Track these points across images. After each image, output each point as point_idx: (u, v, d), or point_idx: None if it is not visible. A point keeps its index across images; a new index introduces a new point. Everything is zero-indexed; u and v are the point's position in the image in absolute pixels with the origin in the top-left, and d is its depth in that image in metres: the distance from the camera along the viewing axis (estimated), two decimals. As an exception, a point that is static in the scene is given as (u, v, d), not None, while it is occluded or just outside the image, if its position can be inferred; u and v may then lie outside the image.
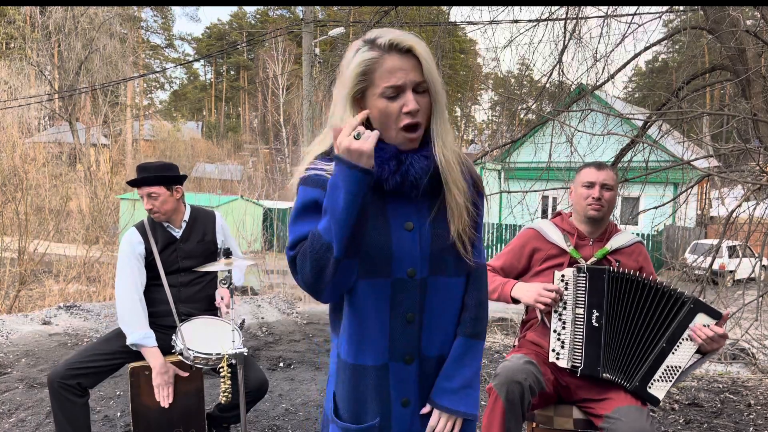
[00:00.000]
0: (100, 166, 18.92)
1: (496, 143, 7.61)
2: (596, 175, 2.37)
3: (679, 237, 15.79)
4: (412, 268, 1.36)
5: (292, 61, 38.17)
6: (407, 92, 1.28)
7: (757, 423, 3.77)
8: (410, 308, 1.37)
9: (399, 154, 1.33)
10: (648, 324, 2.20)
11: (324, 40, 14.97)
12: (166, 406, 2.62)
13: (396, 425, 1.40)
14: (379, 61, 1.28)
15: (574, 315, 2.25)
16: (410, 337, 1.38)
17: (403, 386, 1.39)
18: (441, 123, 1.34)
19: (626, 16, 5.60)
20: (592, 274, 2.24)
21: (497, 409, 2.13)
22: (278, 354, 5.19)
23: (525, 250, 2.46)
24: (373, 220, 1.34)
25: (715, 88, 6.46)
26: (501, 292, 2.34)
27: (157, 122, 42.48)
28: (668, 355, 2.13)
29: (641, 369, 2.17)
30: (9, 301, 8.19)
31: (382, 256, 1.33)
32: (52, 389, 2.60)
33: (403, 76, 1.27)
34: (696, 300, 2.13)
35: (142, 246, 2.76)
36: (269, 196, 27.04)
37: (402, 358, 1.38)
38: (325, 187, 1.29)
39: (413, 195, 1.36)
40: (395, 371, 1.38)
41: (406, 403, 1.40)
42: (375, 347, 1.37)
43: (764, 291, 4.87)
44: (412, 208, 1.38)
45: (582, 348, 2.23)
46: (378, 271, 1.34)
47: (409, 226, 1.36)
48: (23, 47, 27.67)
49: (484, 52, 33.74)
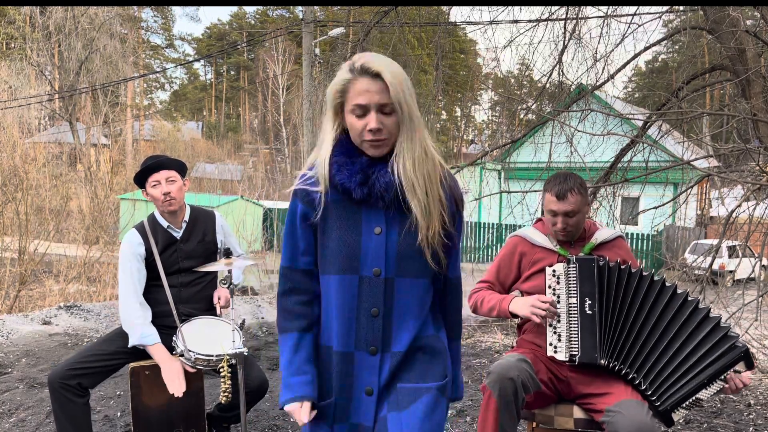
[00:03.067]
0: (101, 166, 18.92)
1: (496, 143, 7.61)
2: (557, 205, 2.36)
3: (679, 237, 15.79)
4: (378, 268, 1.52)
5: (292, 61, 38.19)
6: (371, 112, 1.44)
7: (757, 423, 3.77)
8: (374, 304, 1.52)
9: (368, 167, 1.49)
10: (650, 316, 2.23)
11: (324, 40, 14.97)
12: (180, 395, 2.60)
13: (356, 410, 1.55)
14: (351, 82, 1.46)
15: (568, 306, 2.30)
16: (374, 330, 1.53)
17: (366, 375, 1.54)
18: (407, 142, 1.47)
19: (626, 16, 5.61)
20: (581, 264, 2.30)
21: (491, 407, 2.15)
22: (278, 354, 5.20)
23: (514, 258, 2.52)
24: (347, 222, 1.52)
25: (715, 88, 6.47)
26: (499, 309, 2.39)
27: (158, 122, 42.49)
28: (702, 389, 2.16)
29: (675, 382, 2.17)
30: (9, 301, 8.20)
31: (351, 255, 1.51)
32: (52, 389, 2.61)
33: (368, 97, 1.44)
34: (747, 350, 2.16)
35: (142, 247, 2.76)
36: (269, 196, 27.04)
37: (366, 348, 1.53)
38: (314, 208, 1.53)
39: (380, 205, 1.51)
40: (360, 360, 1.54)
41: (369, 392, 1.54)
42: (343, 335, 1.53)
43: (764, 291, 4.87)
44: (383, 215, 1.53)
45: (578, 337, 2.26)
46: (348, 268, 1.51)
47: (377, 230, 1.52)
48: (23, 47, 27.68)
49: (484, 52, 33.76)
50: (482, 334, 6.35)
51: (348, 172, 1.48)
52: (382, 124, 1.44)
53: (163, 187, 2.72)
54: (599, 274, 2.28)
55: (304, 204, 1.54)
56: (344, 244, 1.50)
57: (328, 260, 1.53)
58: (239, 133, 48.75)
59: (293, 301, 1.57)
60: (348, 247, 1.50)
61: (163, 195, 2.72)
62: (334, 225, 1.52)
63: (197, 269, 2.70)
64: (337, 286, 1.52)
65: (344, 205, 1.53)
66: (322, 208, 1.52)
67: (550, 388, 2.33)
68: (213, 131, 48.31)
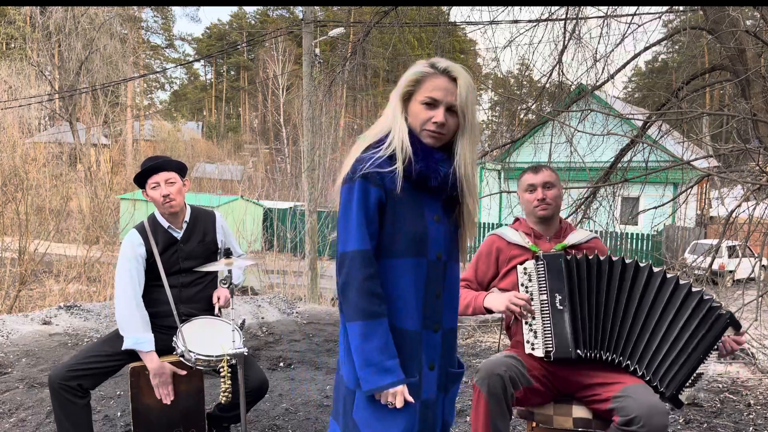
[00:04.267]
0: (101, 166, 18.94)
1: (496, 143, 7.60)
2: (534, 177, 2.50)
3: (679, 237, 15.79)
4: (439, 252, 1.67)
5: (292, 61, 38.18)
6: (440, 107, 1.62)
7: (757, 423, 3.77)
8: (438, 285, 1.68)
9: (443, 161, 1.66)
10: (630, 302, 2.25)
11: (324, 40, 14.97)
12: (167, 402, 2.64)
13: (426, 384, 1.67)
14: (430, 76, 1.63)
15: (540, 303, 2.32)
16: (437, 309, 1.68)
17: (431, 351, 1.67)
18: (465, 143, 1.66)
19: (626, 16, 5.61)
20: (548, 260, 2.35)
21: (481, 404, 2.18)
22: (278, 354, 5.20)
23: (492, 256, 2.57)
24: (414, 211, 1.64)
25: (715, 88, 6.47)
26: (474, 305, 2.41)
27: (158, 122, 42.46)
28: (700, 364, 2.18)
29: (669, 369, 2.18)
30: (9, 301, 8.20)
31: (422, 239, 1.63)
32: (53, 390, 2.60)
33: (442, 95, 1.62)
34: (731, 314, 2.17)
35: (142, 247, 2.76)
36: (269, 196, 27.04)
37: (432, 327, 1.67)
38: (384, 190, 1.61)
39: (442, 195, 1.67)
40: (426, 338, 1.66)
41: (432, 367, 1.68)
42: (413, 315, 1.63)
43: (764, 291, 4.87)
44: (440, 205, 1.70)
45: (551, 333, 2.28)
46: (419, 251, 1.63)
47: (437, 218, 1.68)
48: (23, 47, 27.69)
49: (484, 52, 33.72)
50: (482, 334, 6.35)
51: (434, 161, 1.63)
52: (446, 121, 1.62)
53: (163, 189, 2.72)
54: (567, 269, 2.31)
55: (377, 187, 1.60)
56: (416, 229, 1.62)
57: (399, 243, 1.62)
58: (239, 133, 48.73)
59: (378, 284, 1.59)
60: (419, 232, 1.62)
61: (162, 197, 2.72)
62: (406, 209, 1.63)
63: (197, 269, 2.70)
64: (410, 269, 1.62)
65: (410, 191, 1.64)
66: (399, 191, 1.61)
67: (546, 384, 2.33)
68: (213, 131, 48.30)
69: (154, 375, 2.62)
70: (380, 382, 1.54)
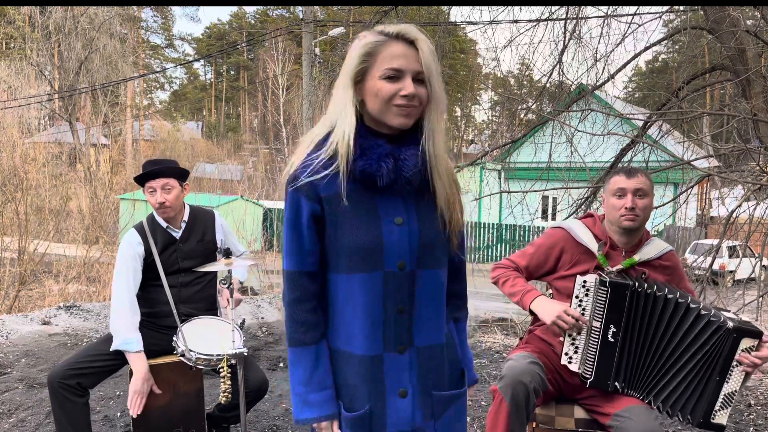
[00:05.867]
0: (100, 166, 18.92)
1: (496, 143, 7.60)
2: (627, 182, 2.24)
3: (680, 237, 15.78)
4: (402, 261, 1.41)
5: (292, 61, 38.17)
6: (407, 77, 1.35)
7: (757, 423, 3.77)
8: (401, 300, 1.42)
9: (394, 150, 1.39)
10: (680, 343, 2.15)
11: (324, 40, 14.97)
12: (134, 415, 2.58)
13: (393, 415, 1.43)
14: (384, 45, 1.35)
15: (591, 326, 2.20)
16: (402, 327, 1.43)
17: (398, 376, 1.44)
18: (435, 119, 1.39)
19: (626, 16, 5.60)
20: (614, 288, 2.16)
21: (502, 411, 2.11)
22: (278, 354, 5.19)
23: (553, 252, 2.37)
24: (364, 215, 1.39)
25: (715, 88, 6.46)
26: (521, 300, 2.28)
27: (157, 122, 42.46)
28: (723, 385, 2.10)
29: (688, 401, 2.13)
30: (9, 301, 8.19)
31: (374, 250, 1.38)
32: (51, 389, 2.60)
33: (405, 62, 1.34)
34: (737, 328, 2.07)
35: (141, 247, 2.76)
36: (269, 196, 27.03)
37: (395, 348, 1.43)
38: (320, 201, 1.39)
39: (405, 191, 1.41)
40: (389, 361, 1.43)
41: (403, 394, 1.44)
42: (369, 337, 1.41)
43: (764, 291, 4.87)
44: (401, 203, 1.43)
45: (594, 360, 2.20)
46: (370, 264, 1.39)
47: (398, 220, 1.41)
48: (23, 47, 27.66)
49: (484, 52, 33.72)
50: (482, 335, 6.34)
51: (376, 156, 1.36)
52: (415, 92, 1.35)
53: (158, 196, 2.72)
54: (629, 302, 2.16)
55: (310, 200, 1.39)
56: (364, 239, 1.38)
57: (344, 258, 1.40)
58: (239, 133, 48.73)
59: (305, 310, 1.43)
60: (369, 242, 1.38)
61: (158, 204, 2.73)
62: (349, 218, 1.39)
63: (197, 269, 2.70)
64: (360, 286, 1.39)
65: (359, 194, 1.40)
66: (339, 199, 1.38)
67: (554, 385, 2.32)
68: (213, 131, 48.28)
69: (138, 378, 2.56)
70: (300, 415, 1.42)
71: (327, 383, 1.43)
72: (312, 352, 1.43)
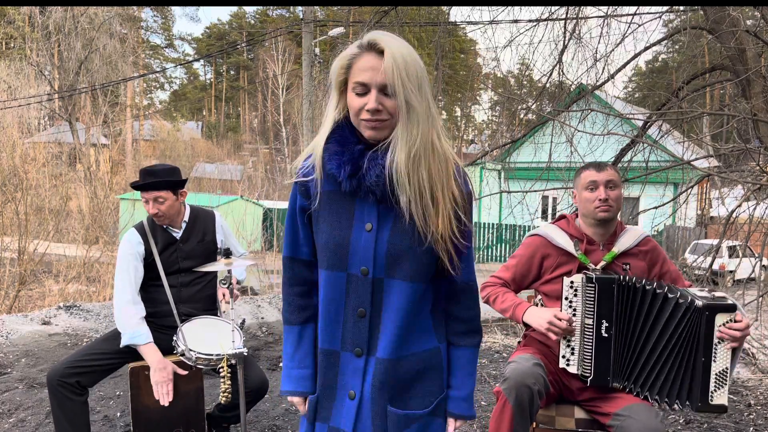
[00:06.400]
0: (100, 166, 18.92)
1: (496, 143, 7.60)
2: (598, 175, 2.31)
3: (679, 237, 15.79)
4: (365, 267, 1.42)
5: (292, 61, 38.18)
6: (372, 91, 1.34)
7: (757, 423, 3.77)
8: (361, 304, 1.43)
9: (359, 157, 1.38)
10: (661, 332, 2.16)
11: (324, 40, 14.97)
12: (165, 404, 2.58)
13: (338, 413, 1.47)
14: (357, 57, 1.36)
15: (584, 324, 2.22)
16: (361, 331, 1.44)
17: (350, 378, 1.46)
18: (403, 131, 1.34)
19: (626, 16, 5.60)
20: (601, 284, 2.19)
21: (506, 414, 2.11)
22: (278, 354, 5.19)
23: (535, 259, 2.41)
24: (339, 215, 1.44)
25: (715, 88, 6.46)
26: (513, 314, 2.30)
27: (157, 122, 42.49)
28: (711, 365, 2.10)
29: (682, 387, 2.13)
30: (9, 301, 8.19)
31: (340, 251, 1.43)
32: (51, 387, 2.60)
33: (370, 76, 1.33)
34: (707, 306, 2.08)
35: (141, 246, 2.76)
36: (269, 196, 27.04)
37: (352, 349, 1.45)
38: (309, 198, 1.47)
39: (371, 199, 1.41)
40: (345, 360, 1.46)
41: (352, 396, 1.46)
42: (328, 332, 1.48)
43: (764, 291, 4.87)
44: (376, 210, 1.42)
45: (591, 358, 2.21)
46: (336, 264, 1.44)
47: (368, 227, 1.42)
48: (23, 47, 27.68)
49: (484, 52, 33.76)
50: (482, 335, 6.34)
51: (337, 162, 1.38)
52: (381, 105, 1.33)
53: (150, 208, 2.74)
54: (617, 294, 2.19)
55: (301, 195, 1.48)
56: (333, 239, 1.42)
57: (321, 254, 1.47)
58: (239, 133, 48.74)
59: (295, 292, 1.55)
60: (336, 243, 1.42)
61: (151, 213, 2.76)
62: (325, 217, 1.44)
63: (197, 269, 2.70)
64: (325, 282, 1.45)
65: (338, 196, 1.43)
66: (318, 199, 1.44)
67: (555, 387, 2.32)
68: (213, 131, 48.29)
69: (156, 369, 2.57)
70: (283, 387, 1.53)
71: (306, 363, 1.53)
72: (296, 332, 1.54)
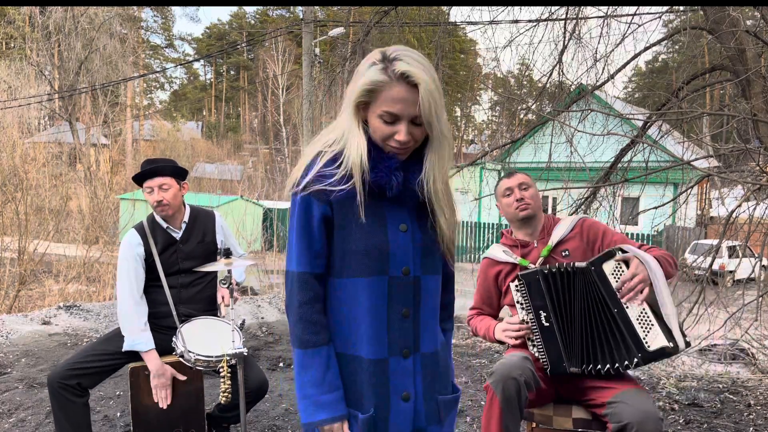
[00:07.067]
0: (100, 166, 18.94)
1: (496, 143, 7.61)
2: (510, 181, 2.51)
3: (679, 237, 15.79)
4: (407, 266, 1.46)
5: (292, 61, 38.17)
6: (402, 122, 1.38)
7: (757, 423, 3.77)
8: (405, 304, 1.46)
9: (401, 165, 1.44)
10: (591, 306, 2.22)
11: (324, 40, 14.97)
12: (164, 407, 2.62)
13: (395, 418, 1.46)
14: (386, 86, 1.35)
15: (529, 321, 2.33)
16: (407, 332, 1.46)
17: (402, 380, 1.46)
18: (434, 155, 1.44)
19: (626, 16, 5.60)
20: (526, 280, 2.33)
21: (494, 407, 2.15)
22: (278, 354, 5.19)
23: (489, 281, 2.58)
24: (373, 221, 1.44)
25: (715, 88, 6.46)
26: (489, 337, 2.47)
27: (157, 122, 42.48)
28: (627, 313, 2.14)
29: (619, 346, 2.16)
30: (9, 301, 8.19)
31: (380, 255, 1.43)
32: (51, 389, 2.60)
33: (403, 108, 1.36)
34: (590, 263, 2.20)
35: (141, 247, 2.76)
36: (269, 196, 27.02)
37: (400, 352, 1.46)
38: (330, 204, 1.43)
39: (410, 203, 1.48)
40: (394, 365, 1.45)
41: (407, 398, 1.46)
42: (374, 341, 1.44)
43: (764, 291, 4.87)
44: (406, 213, 1.48)
45: (544, 350, 2.29)
46: (377, 269, 1.43)
47: (403, 227, 1.47)
48: (23, 47, 27.69)
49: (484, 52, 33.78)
50: (482, 334, 6.34)
51: (386, 169, 1.42)
52: (411, 135, 1.39)
53: (156, 195, 2.73)
54: (546, 284, 2.29)
55: (321, 203, 1.43)
56: (372, 245, 1.42)
57: (351, 261, 1.43)
58: (239, 133, 48.73)
59: (318, 310, 1.45)
60: (377, 248, 1.43)
61: (156, 202, 2.74)
62: (361, 224, 1.43)
63: (197, 270, 2.70)
64: (366, 289, 1.43)
65: (368, 201, 1.44)
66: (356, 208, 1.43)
67: (549, 385, 2.33)
68: (213, 131, 48.28)
69: (155, 375, 2.61)
70: (313, 417, 1.41)
71: (337, 384, 1.44)
72: (324, 353, 1.44)
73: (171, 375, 2.65)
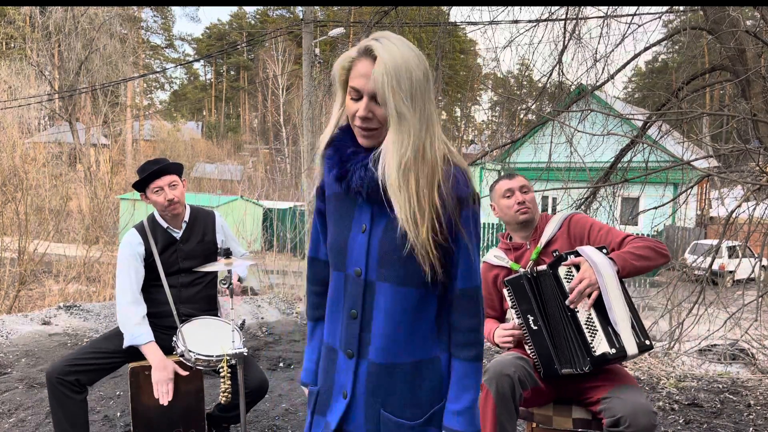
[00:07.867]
0: (100, 166, 18.93)
1: (496, 143, 7.61)
2: (511, 183, 2.49)
3: (679, 237, 15.80)
4: (358, 268, 1.42)
5: (292, 61, 38.19)
6: (363, 98, 1.33)
7: (757, 423, 3.77)
8: (353, 305, 1.43)
9: (347, 161, 1.38)
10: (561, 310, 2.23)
11: (324, 40, 14.96)
12: (165, 403, 2.59)
13: (331, 408, 1.48)
14: (354, 62, 1.35)
15: (520, 326, 2.33)
16: (352, 333, 1.43)
17: (342, 378, 1.46)
18: (396, 140, 1.30)
19: (626, 16, 5.61)
20: (511, 285, 2.34)
21: (488, 404, 2.16)
22: (278, 354, 5.20)
23: (489, 286, 2.58)
24: (341, 217, 1.46)
25: (715, 89, 6.47)
26: (490, 341, 2.46)
27: (157, 122, 42.48)
28: (577, 318, 2.16)
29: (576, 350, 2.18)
30: (9, 301, 8.20)
31: (341, 251, 1.45)
32: (50, 385, 2.60)
33: (363, 83, 1.32)
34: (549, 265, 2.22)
35: (141, 247, 2.76)
36: (269, 196, 27.04)
37: (345, 349, 1.45)
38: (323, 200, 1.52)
39: (359, 201, 1.42)
40: (340, 359, 1.48)
41: (344, 395, 1.45)
42: (330, 329, 1.52)
43: (764, 291, 4.88)
44: (369, 212, 1.42)
45: (536, 353, 2.29)
46: (338, 264, 1.47)
47: (363, 228, 1.42)
48: (23, 47, 27.69)
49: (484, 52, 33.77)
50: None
51: (328, 165, 1.42)
52: (372, 113, 1.31)
53: (167, 194, 2.71)
54: (530, 287, 2.29)
55: (318, 198, 1.55)
56: (335, 240, 1.45)
57: (329, 254, 1.53)
58: (239, 133, 48.74)
59: (312, 291, 1.64)
60: (338, 243, 1.44)
61: (167, 201, 2.72)
62: (331, 218, 1.48)
63: (197, 269, 2.70)
64: (333, 282, 1.49)
65: (342, 198, 1.45)
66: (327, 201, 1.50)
67: (548, 385, 2.33)
68: (213, 131, 48.28)
69: (157, 369, 2.57)
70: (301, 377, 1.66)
71: (313, 357, 1.62)
72: (310, 327, 1.65)
73: (173, 369, 2.63)
